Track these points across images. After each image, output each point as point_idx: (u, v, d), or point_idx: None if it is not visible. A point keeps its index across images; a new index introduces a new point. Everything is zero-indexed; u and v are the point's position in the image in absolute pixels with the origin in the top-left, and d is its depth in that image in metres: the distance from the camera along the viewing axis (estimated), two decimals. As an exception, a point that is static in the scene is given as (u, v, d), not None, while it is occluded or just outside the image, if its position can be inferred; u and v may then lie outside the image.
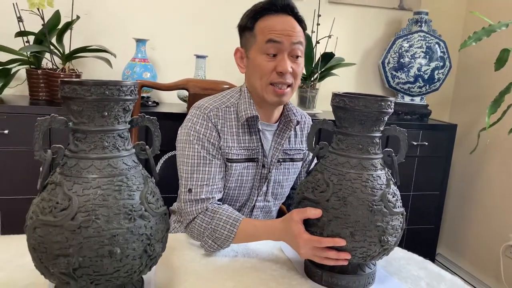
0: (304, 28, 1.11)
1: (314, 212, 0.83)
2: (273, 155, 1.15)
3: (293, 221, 0.87)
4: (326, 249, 0.83)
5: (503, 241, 2.17)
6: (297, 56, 1.08)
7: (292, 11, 1.08)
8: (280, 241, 0.96)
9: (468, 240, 2.43)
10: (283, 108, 1.17)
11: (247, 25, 1.09)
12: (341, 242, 0.81)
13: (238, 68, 1.15)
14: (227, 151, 1.09)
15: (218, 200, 1.09)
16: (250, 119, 1.10)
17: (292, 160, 1.20)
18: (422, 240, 2.24)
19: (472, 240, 2.41)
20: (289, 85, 1.08)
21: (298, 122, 1.17)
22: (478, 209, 2.37)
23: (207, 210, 1.03)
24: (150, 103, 1.91)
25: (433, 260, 2.38)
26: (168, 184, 1.30)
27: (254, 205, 1.17)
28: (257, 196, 1.16)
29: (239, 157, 1.10)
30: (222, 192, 1.11)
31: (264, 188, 1.16)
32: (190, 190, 1.04)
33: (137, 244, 0.67)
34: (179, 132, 1.12)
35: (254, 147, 1.12)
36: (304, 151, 1.24)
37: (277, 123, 1.17)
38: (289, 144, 1.19)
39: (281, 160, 1.17)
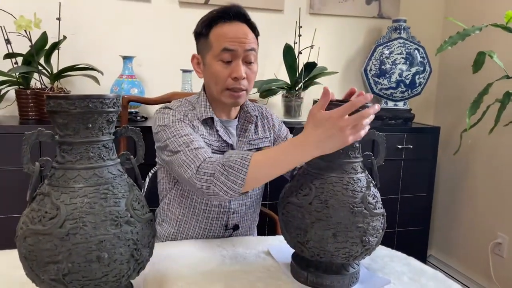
0: (257, 34, 1.17)
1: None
2: (239, 148, 1.22)
3: (309, 116, 0.84)
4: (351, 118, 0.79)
5: (491, 239, 2.21)
6: (251, 62, 1.14)
7: (245, 19, 1.14)
8: (310, 146, 0.84)
9: (458, 240, 2.47)
10: (241, 105, 1.25)
11: (202, 32, 1.15)
12: (368, 97, 0.79)
13: (196, 74, 1.21)
14: (202, 138, 1.14)
15: None
16: (208, 120, 1.18)
17: (258, 149, 1.26)
18: (413, 242, 2.28)
19: (462, 239, 2.45)
20: (244, 89, 1.14)
21: (256, 117, 1.26)
22: (465, 208, 2.42)
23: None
24: (138, 118, 1.94)
25: (424, 262, 2.41)
26: (156, 197, 1.34)
27: None
28: None
29: (212, 147, 1.17)
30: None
31: None
32: (188, 145, 1.02)
33: (124, 249, 0.69)
34: (157, 136, 1.14)
35: (221, 141, 1.19)
36: (270, 138, 1.30)
37: (237, 118, 1.25)
38: (252, 136, 1.26)
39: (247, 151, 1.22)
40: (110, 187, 0.71)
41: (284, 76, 2.16)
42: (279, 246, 1.07)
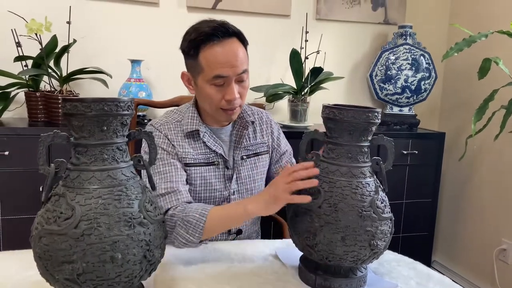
0: (246, 44, 1.14)
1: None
2: (234, 155, 1.21)
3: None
4: (296, 182, 0.89)
5: (496, 245, 2.21)
6: (243, 81, 1.13)
7: (234, 33, 1.10)
8: (256, 211, 0.97)
9: (463, 246, 2.47)
10: None
11: (190, 53, 1.11)
12: (311, 166, 0.90)
13: (188, 90, 1.19)
14: (184, 156, 1.15)
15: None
16: (194, 132, 1.17)
17: (256, 154, 1.26)
18: (417, 247, 2.28)
19: (466, 245, 2.44)
20: (238, 106, 1.14)
21: (253, 122, 1.25)
22: (470, 214, 2.42)
23: (180, 204, 1.07)
24: (146, 121, 1.96)
25: (428, 267, 2.40)
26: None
27: None
28: (230, 195, 1.21)
29: (197, 161, 1.17)
30: (187, 185, 1.15)
31: (234, 186, 1.21)
32: (155, 189, 1.10)
33: (137, 250, 0.71)
34: None
35: (209, 152, 1.18)
36: (267, 143, 1.29)
37: (232, 124, 1.23)
38: (249, 141, 1.25)
39: (244, 157, 1.23)
40: (124, 188, 0.72)
41: (290, 81, 2.17)
42: (286, 249, 1.08)
